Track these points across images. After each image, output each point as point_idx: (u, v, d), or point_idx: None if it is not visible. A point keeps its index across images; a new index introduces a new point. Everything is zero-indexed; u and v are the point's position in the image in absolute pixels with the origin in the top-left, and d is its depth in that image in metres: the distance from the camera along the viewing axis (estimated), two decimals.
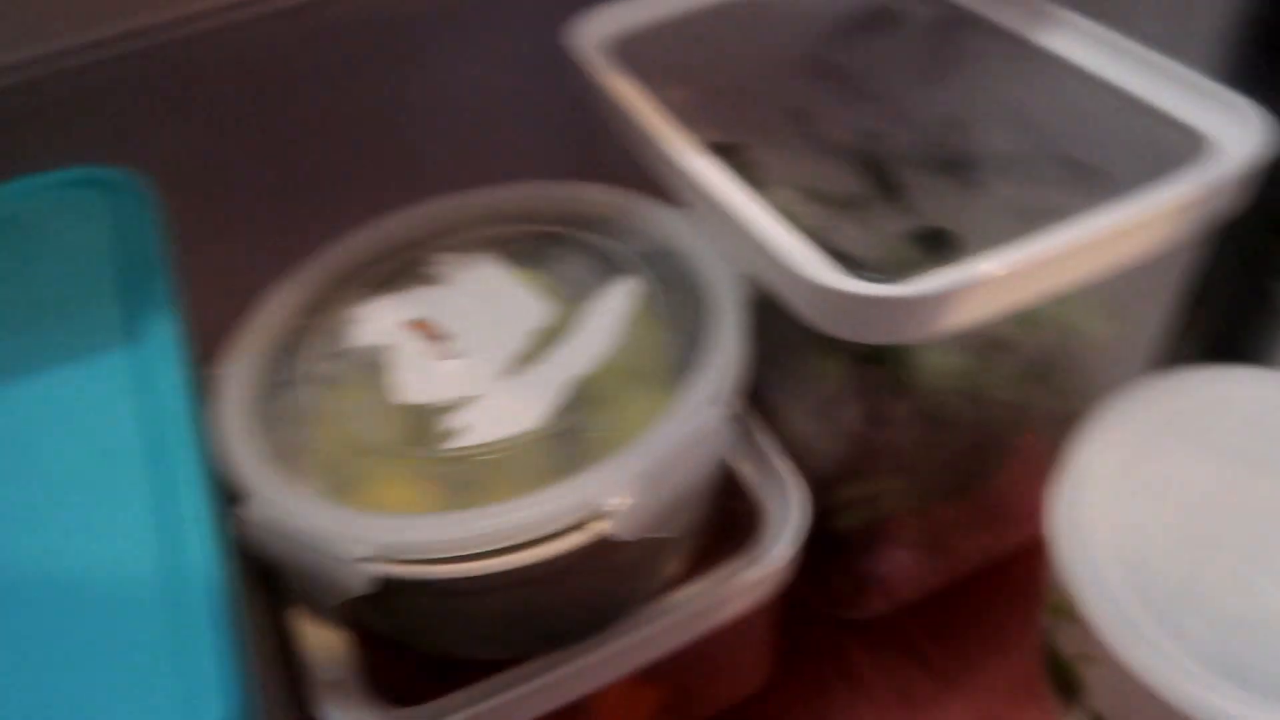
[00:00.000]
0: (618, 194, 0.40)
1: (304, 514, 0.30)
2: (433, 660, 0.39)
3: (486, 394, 0.33)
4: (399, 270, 0.39)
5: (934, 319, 0.31)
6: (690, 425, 0.30)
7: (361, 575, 0.29)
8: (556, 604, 0.34)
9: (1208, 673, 0.30)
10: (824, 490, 0.42)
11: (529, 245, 0.39)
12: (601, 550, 0.30)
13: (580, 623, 0.36)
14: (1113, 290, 0.38)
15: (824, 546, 0.46)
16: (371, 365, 0.35)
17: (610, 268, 0.37)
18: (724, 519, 0.42)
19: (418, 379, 0.34)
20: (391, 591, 0.33)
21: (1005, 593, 0.49)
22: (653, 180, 0.40)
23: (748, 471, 0.41)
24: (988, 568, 0.50)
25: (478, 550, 0.28)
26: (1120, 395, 0.37)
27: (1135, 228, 0.32)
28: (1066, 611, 0.35)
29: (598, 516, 0.29)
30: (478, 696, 0.34)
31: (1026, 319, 0.36)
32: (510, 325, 0.35)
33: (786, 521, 0.38)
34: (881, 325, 0.31)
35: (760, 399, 0.42)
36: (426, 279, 0.38)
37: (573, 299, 0.36)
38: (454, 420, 0.32)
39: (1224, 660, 0.30)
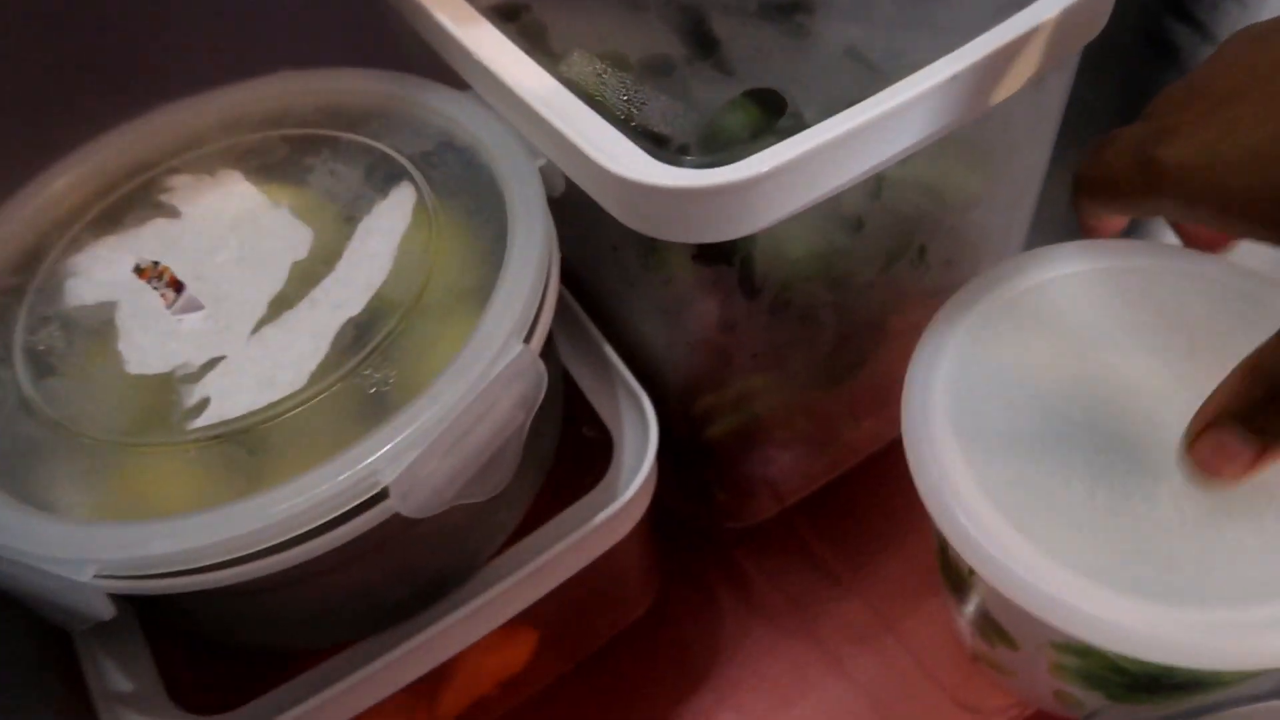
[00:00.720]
0: (387, 80, 0.35)
1: (15, 529, 0.25)
2: (258, 653, 0.35)
3: (241, 351, 0.28)
4: (127, 202, 0.33)
5: (768, 206, 0.28)
6: (489, 368, 0.27)
7: (99, 597, 0.25)
8: (372, 585, 0.31)
9: (1076, 579, 0.28)
10: (687, 399, 0.39)
11: (284, 154, 0.33)
12: (400, 526, 0.27)
13: (412, 594, 0.32)
14: (979, 139, 0.35)
15: (698, 457, 0.44)
16: (100, 328, 0.30)
17: (386, 173, 0.32)
18: (574, 446, 0.39)
19: (155, 341, 0.29)
20: (153, 602, 0.29)
21: (898, 478, 0.48)
22: (440, 60, 0.35)
23: (595, 393, 0.38)
24: (880, 453, 0.49)
25: (235, 555, 0.25)
26: (975, 279, 0.34)
27: (991, 68, 0.29)
28: None
29: (380, 494, 0.25)
30: (296, 696, 0.31)
31: (882, 188, 0.32)
32: (267, 260, 0.30)
33: (640, 448, 0.35)
34: (707, 220, 0.28)
35: (600, 308, 0.39)
36: (161, 210, 0.32)
37: (342, 218, 0.31)
38: (203, 389, 0.28)
39: (1091, 562, 0.29)
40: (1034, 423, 0.31)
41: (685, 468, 0.44)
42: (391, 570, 0.30)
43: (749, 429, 0.41)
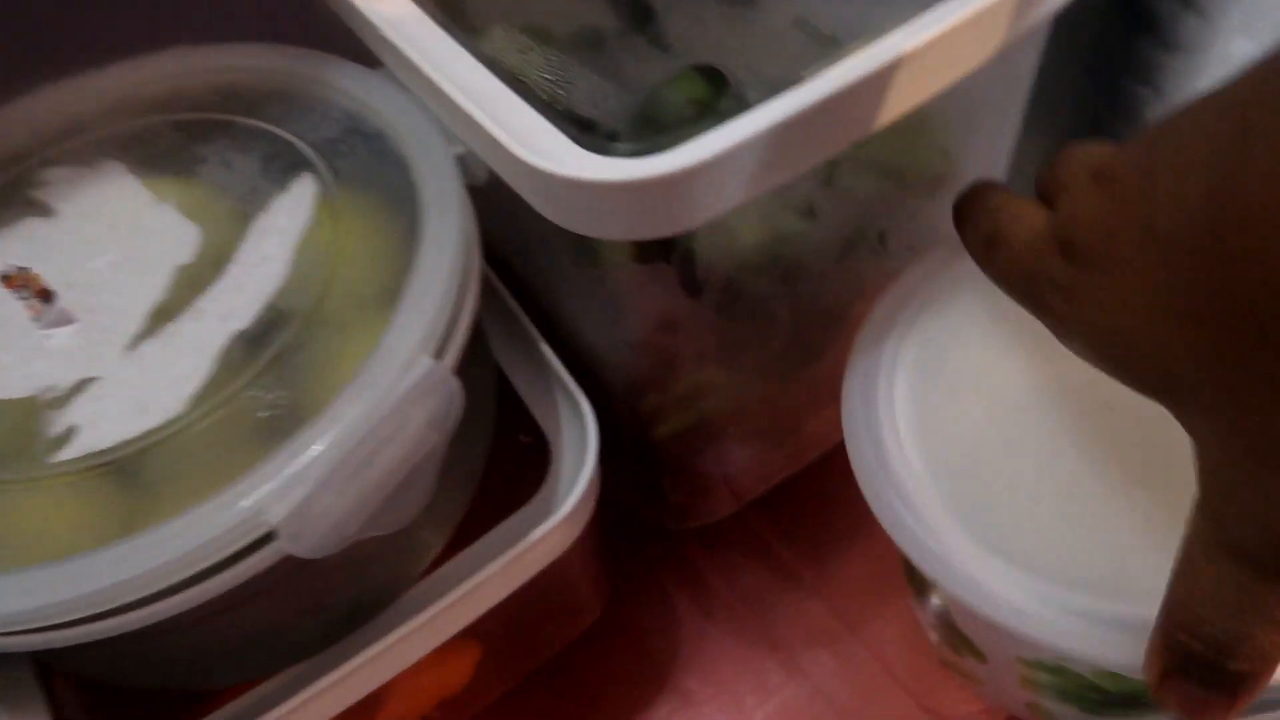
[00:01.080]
0: (290, 56, 0.31)
1: None
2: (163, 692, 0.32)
3: (115, 371, 0.25)
4: None
5: (707, 199, 0.24)
6: (392, 388, 0.23)
7: None
8: (279, 621, 0.28)
9: (1044, 591, 0.26)
10: (633, 399, 0.37)
11: (174, 143, 0.30)
12: (301, 562, 0.24)
13: (327, 626, 0.30)
14: (943, 114, 0.32)
15: (649, 457, 0.41)
16: None
17: (286, 163, 0.29)
18: (510, 454, 0.36)
19: (18, 360, 0.25)
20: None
21: None
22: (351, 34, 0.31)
23: (531, 396, 0.35)
24: (843, 445, 0.47)
25: (103, 609, 0.22)
26: (923, 258, 0.31)
27: (957, 38, 0.26)
28: None
29: (268, 535, 0.22)
30: None
31: (835, 172, 0.29)
32: (148, 264, 0.27)
33: (579, 456, 0.32)
34: (640, 216, 0.24)
35: (536, 302, 0.36)
36: (33, 207, 0.29)
37: (235, 215, 0.28)
38: (71, 415, 0.24)
39: (1059, 571, 0.26)
40: (989, 416, 0.28)
41: (637, 467, 0.41)
42: (299, 605, 0.27)
43: (701, 426, 0.39)
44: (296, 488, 0.22)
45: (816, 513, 0.45)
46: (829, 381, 0.42)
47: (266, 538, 0.22)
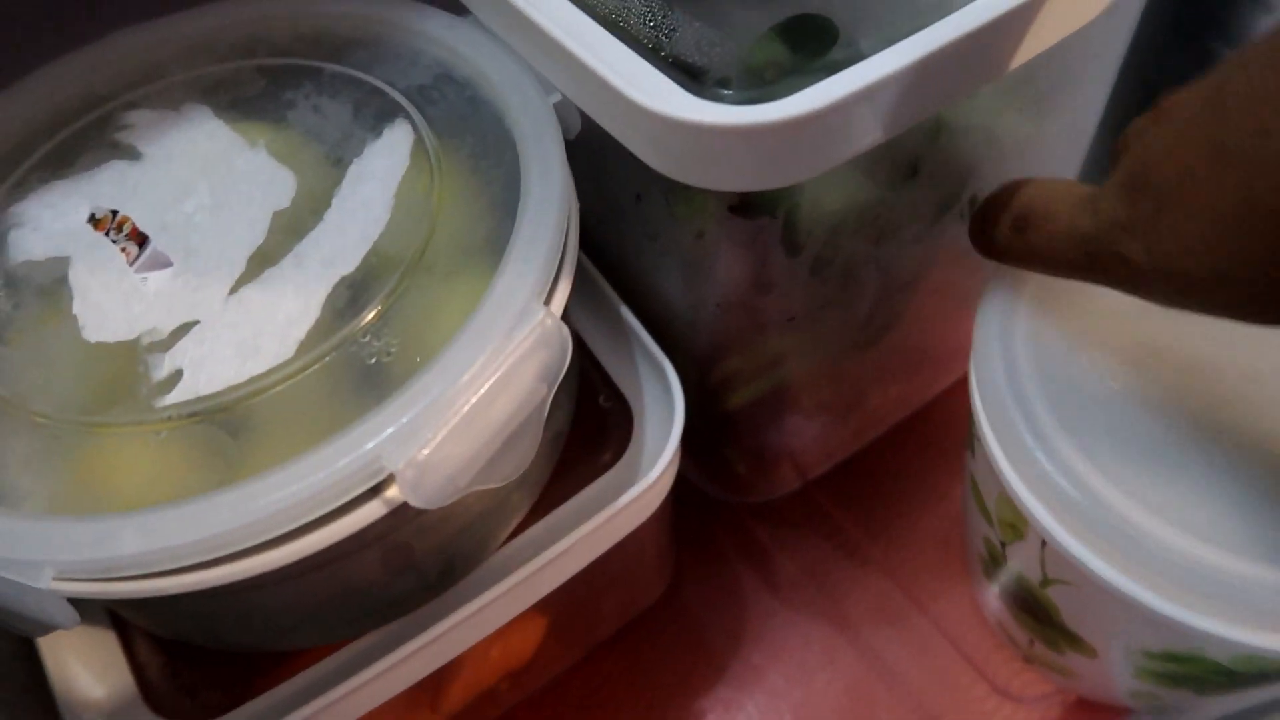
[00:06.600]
0: (373, 3, 0.31)
1: None
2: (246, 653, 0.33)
3: (217, 315, 0.25)
4: (79, 141, 0.29)
5: (825, 149, 0.25)
6: (508, 335, 0.24)
7: (59, 603, 0.23)
8: (372, 579, 0.28)
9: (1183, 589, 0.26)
10: (706, 365, 0.37)
11: (259, 88, 0.30)
12: (405, 516, 0.24)
13: (415, 588, 0.30)
14: (1040, 72, 0.32)
15: (716, 427, 0.41)
16: (51, 288, 0.27)
17: (378, 110, 0.29)
18: (588, 418, 0.36)
19: (116, 303, 0.26)
20: (127, 604, 0.26)
21: (923, 446, 0.46)
22: None
23: (610, 360, 0.35)
24: (904, 422, 0.47)
25: (217, 554, 0.22)
26: None
27: None
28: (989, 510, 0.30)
29: (385, 483, 0.23)
30: (289, 702, 0.29)
31: (941, 130, 0.30)
32: (244, 208, 0.27)
33: (665, 422, 0.33)
34: (754, 165, 0.25)
35: (613, 265, 0.36)
36: (119, 150, 0.29)
37: (329, 160, 0.28)
38: (175, 359, 0.25)
39: (1204, 529, 0.26)
40: (1111, 375, 0.28)
41: (702, 437, 0.42)
42: (393, 563, 0.28)
43: (773, 396, 0.39)
44: (417, 434, 0.22)
45: (880, 490, 0.45)
46: (897, 358, 0.43)
47: (381, 486, 0.22)
